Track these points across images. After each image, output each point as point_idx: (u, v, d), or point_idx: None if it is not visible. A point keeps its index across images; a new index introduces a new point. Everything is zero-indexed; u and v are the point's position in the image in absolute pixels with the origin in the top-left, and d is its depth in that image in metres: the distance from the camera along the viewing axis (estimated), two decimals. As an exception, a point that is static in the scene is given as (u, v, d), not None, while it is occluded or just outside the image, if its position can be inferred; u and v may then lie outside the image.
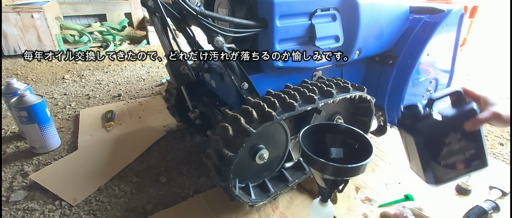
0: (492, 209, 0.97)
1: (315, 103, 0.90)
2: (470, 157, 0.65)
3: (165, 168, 1.24)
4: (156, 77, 2.35)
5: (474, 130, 0.62)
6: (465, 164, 0.65)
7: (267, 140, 0.96)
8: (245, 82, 0.94)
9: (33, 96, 1.27)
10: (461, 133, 0.63)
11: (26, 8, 2.72)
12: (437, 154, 0.64)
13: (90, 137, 1.46)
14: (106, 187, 1.12)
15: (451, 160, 0.65)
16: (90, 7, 3.47)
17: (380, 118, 1.28)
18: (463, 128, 0.62)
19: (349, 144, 0.82)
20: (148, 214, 1.00)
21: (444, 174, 0.66)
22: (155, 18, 0.92)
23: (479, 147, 0.64)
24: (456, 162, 0.65)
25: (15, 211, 1.01)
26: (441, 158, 0.64)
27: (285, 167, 1.07)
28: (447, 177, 0.66)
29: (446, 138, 0.63)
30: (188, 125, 1.44)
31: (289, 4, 0.88)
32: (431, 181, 0.67)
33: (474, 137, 0.64)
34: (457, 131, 0.63)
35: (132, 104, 1.83)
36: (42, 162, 1.28)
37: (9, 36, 2.77)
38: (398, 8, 1.09)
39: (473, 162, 0.65)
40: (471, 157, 0.65)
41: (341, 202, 1.05)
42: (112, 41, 3.26)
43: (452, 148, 0.64)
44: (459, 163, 0.65)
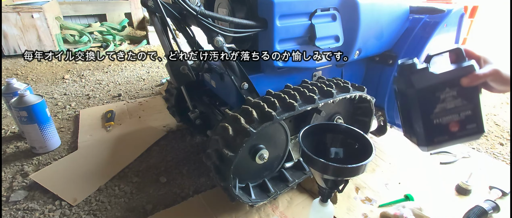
0: (492, 209, 0.97)
1: (315, 103, 0.90)
2: (465, 118, 0.62)
3: (165, 168, 1.24)
4: (156, 77, 2.35)
5: (472, 87, 0.59)
6: (459, 126, 0.62)
7: (267, 140, 0.96)
8: (245, 82, 0.94)
9: (33, 96, 1.27)
10: (458, 90, 0.60)
11: (26, 8, 2.72)
12: (431, 111, 0.61)
13: (90, 137, 1.46)
14: (106, 187, 1.12)
15: (445, 119, 0.62)
16: (90, 7, 3.47)
17: (380, 118, 1.28)
18: (460, 85, 0.60)
19: (349, 144, 0.82)
20: (148, 214, 1.00)
21: (437, 135, 0.63)
22: (155, 18, 0.92)
23: (475, 109, 0.61)
24: (451, 122, 0.62)
25: (15, 211, 1.01)
26: (434, 116, 0.62)
27: (285, 167, 1.07)
28: (439, 140, 0.63)
29: (441, 93, 0.61)
30: (188, 125, 1.44)
31: (289, 4, 0.88)
32: (422, 143, 0.65)
33: (471, 96, 0.61)
34: (454, 87, 0.60)
35: (132, 104, 1.83)
36: (42, 162, 1.28)
37: (9, 36, 2.77)
38: (398, 8, 1.09)
39: (469, 125, 0.62)
40: (467, 119, 0.62)
41: (341, 202, 1.05)
42: (112, 41, 3.26)
43: (447, 105, 0.61)
44: (454, 124, 0.62)
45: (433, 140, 0.63)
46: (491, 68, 0.58)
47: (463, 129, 0.62)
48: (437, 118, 0.62)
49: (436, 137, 0.63)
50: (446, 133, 0.63)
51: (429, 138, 0.63)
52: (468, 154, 1.32)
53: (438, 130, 0.63)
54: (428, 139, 0.63)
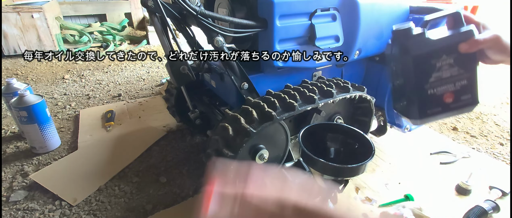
0: (492, 209, 0.97)
1: (315, 103, 0.90)
2: (460, 88, 0.59)
3: (165, 168, 1.24)
4: (156, 77, 2.35)
5: (469, 55, 0.56)
6: (454, 97, 0.59)
7: (267, 140, 0.96)
8: (245, 82, 0.94)
9: (33, 96, 1.27)
10: (455, 58, 0.57)
11: (26, 8, 2.72)
12: (426, 80, 0.58)
13: (90, 137, 1.46)
14: (106, 187, 1.12)
15: (439, 89, 0.59)
16: (90, 7, 3.47)
17: (380, 118, 1.28)
18: (458, 52, 0.56)
19: (349, 144, 0.82)
20: (148, 214, 1.00)
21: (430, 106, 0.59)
22: (155, 18, 0.92)
23: (471, 79, 0.58)
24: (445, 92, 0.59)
25: (15, 211, 1.01)
26: (429, 86, 0.58)
27: (285, 167, 1.07)
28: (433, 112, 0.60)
29: (437, 61, 0.57)
30: (188, 125, 1.44)
31: (289, 4, 0.88)
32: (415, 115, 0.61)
33: (468, 65, 0.58)
34: (451, 54, 0.57)
35: (132, 104, 1.83)
36: (42, 162, 1.28)
37: (9, 36, 2.77)
38: (398, 8, 1.09)
39: (463, 96, 0.59)
40: (462, 89, 0.59)
41: (341, 202, 1.05)
42: (112, 41, 3.26)
43: (442, 74, 0.58)
44: (448, 95, 0.59)
45: (426, 112, 0.60)
46: (491, 33, 0.55)
47: (457, 100, 0.59)
48: (432, 88, 0.58)
49: (429, 109, 0.60)
50: (440, 104, 0.59)
51: (422, 110, 0.60)
52: (468, 154, 1.32)
53: (432, 101, 0.59)
54: (422, 111, 0.60)
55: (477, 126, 1.63)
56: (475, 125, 1.64)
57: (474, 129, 1.60)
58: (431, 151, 1.34)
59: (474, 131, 1.58)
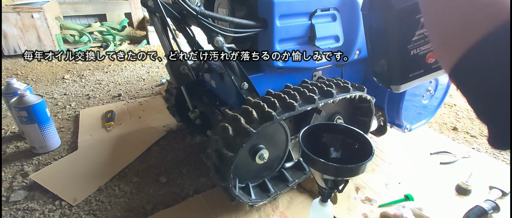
0: (492, 209, 0.97)
1: (315, 103, 0.90)
2: None
3: (165, 168, 1.24)
4: (156, 77, 2.35)
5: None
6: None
7: (267, 140, 0.96)
8: (245, 82, 0.94)
9: (33, 96, 1.27)
10: None
11: (26, 8, 2.72)
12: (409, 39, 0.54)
13: (90, 137, 1.46)
14: (106, 187, 1.12)
15: (422, 48, 0.54)
16: (90, 7, 3.47)
17: (380, 118, 1.28)
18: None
19: (349, 144, 0.82)
20: (148, 214, 1.00)
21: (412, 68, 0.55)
22: (155, 18, 0.92)
23: None
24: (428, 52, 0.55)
25: (15, 211, 1.01)
26: (412, 46, 0.54)
27: (285, 167, 1.07)
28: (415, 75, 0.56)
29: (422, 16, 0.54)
30: (188, 125, 1.44)
31: (289, 4, 0.88)
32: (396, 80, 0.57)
33: None
34: None
35: (132, 104, 1.83)
36: (42, 162, 1.28)
37: (9, 36, 2.77)
38: (398, 8, 1.09)
39: None
40: None
41: (341, 202, 1.05)
42: (112, 41, 3.26)
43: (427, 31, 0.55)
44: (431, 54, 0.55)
45: (408, 75, 0.56)
46: None
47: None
48: (415, 48, 0.55)
49: (411, 72, 0.56)
50: (422, 65, 0.56)
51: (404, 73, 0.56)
52: (468, 154, 1.32)
53: (414, 62, 0.55)
54: (404, 73, 0.56)
55: (477, 126, 1.63)
56: (475, 125, 1.64)
57: (474, 129, 1.60)
58: (431, 151, 1.34)
59: (474, 131, 1.58)
